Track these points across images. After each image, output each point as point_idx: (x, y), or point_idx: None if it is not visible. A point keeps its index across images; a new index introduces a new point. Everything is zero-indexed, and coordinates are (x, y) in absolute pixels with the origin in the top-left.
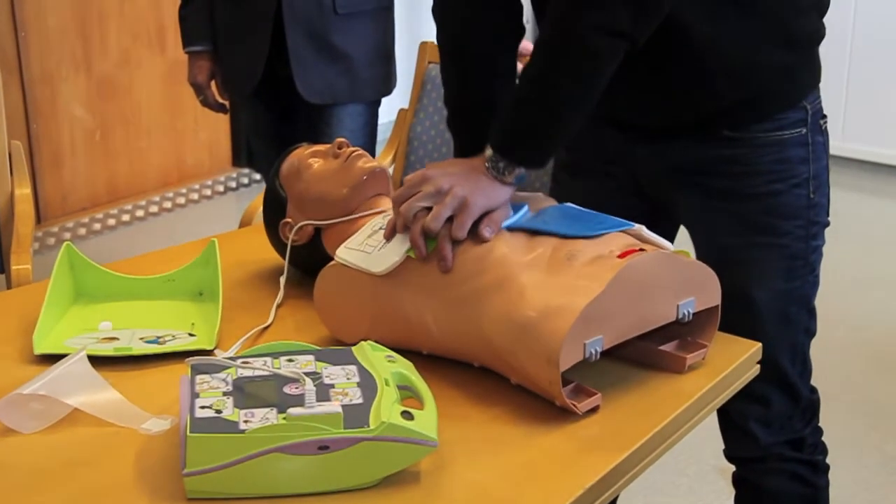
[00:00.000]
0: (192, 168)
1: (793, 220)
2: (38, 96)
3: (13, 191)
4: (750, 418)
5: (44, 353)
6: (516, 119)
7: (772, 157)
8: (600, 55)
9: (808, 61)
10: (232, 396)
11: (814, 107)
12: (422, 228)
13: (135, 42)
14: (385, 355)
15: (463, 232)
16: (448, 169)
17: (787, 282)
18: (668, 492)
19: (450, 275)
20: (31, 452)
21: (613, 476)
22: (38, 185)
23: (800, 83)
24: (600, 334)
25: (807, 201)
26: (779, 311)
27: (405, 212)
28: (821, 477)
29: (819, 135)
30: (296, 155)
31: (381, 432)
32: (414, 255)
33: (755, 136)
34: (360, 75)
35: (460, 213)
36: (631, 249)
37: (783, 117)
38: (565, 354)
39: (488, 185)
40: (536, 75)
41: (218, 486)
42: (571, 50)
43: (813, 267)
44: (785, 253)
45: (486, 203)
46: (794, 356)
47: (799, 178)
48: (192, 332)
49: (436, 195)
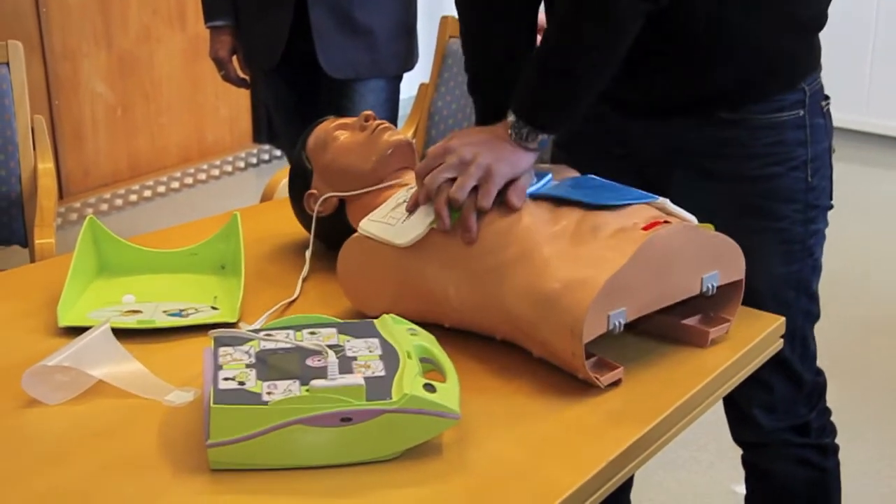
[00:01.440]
0: (213, 144)
1: (790, 204)
2: (59, 72)
3: (36, 165)
4: (754, 404)
5: (68, 326)
6: (538, 84)
7: (769, 139)
8: (622, 17)
9: (809, 46)
10: (255, 368)
11: (812, 88)
12: (446, 199)
13: (155, 18)
14: (407, 328)
15: (488, 201)
16: (470, 138)
17: (784, 266)
18: (689, 468)
19: (473, 247)
20: (55, 423)
21: (636, 449)
22: (61, 161)
23: (799, 67)
24: (624, 306)
25: (804, 184)
26: (777, 295)
27: (429, 183)
28: (829, 459)
29: (819, 117)
30: (322, 128)
31: (403, 404)
32: (438, 226)
33: (752, 118)
34: (381, 50)
35: (485, 182)
36: (655, 221)
37: (781, 99)
38: (589, 326)
39: (511, 153)
40: (558, 39)
41: (240, 457)
42: (593, 13)
43: (812, 251)
44: (782, 237)
45: (510, 171)
46: (793, 340)
47: (796, 161)
48: (215, 306)
49: (459, 165)
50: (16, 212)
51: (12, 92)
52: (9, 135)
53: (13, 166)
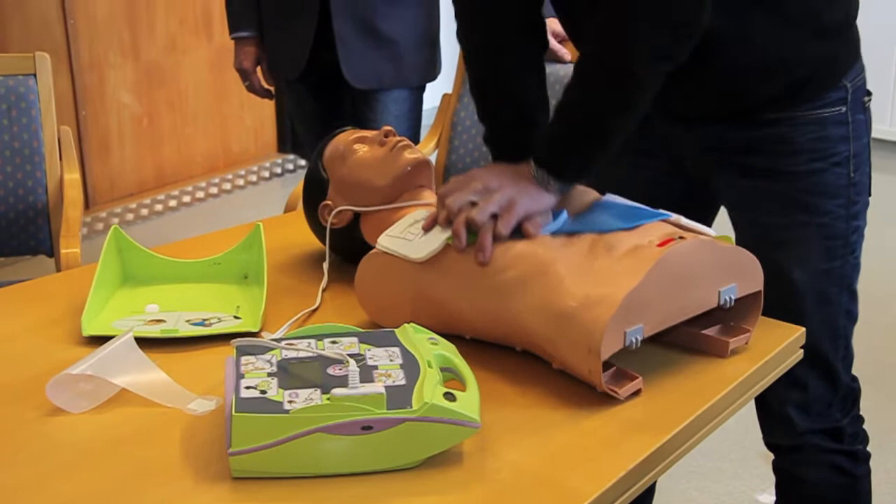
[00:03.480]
0: (238, 154)
1: (833, 199)
2: (86, 83)
3: (62, 176)
4: (788, 403)
5: (92, 335)
6: (560, 139)
7: (812, 135)
8: (644, 79)
9: (845, 43)
10: (276, 377)
11: (854, 84)
12: (465, 220)
13: (182, 28)
14: (428, 338)
15: (507, 230)
16: (497, 171)
17: (826, 261)
18: (713, 477)
19: (487, 264)
20: (79, 431)
21: (656, 458)
22: (87, 171)
23: (837, 66)
24: (641, 323)
25: (847, 180)
26: (818, 291)
27: (451, 203)
28: (860, 466)
29: (860, 112)
30: (341, 139)
31: (423, 413)
32: (453, 244)
33: (795, 116)
34: (405, 61)
35: (506, 211)
36: (670, 238)
37: (823, 96)
38: (606, 343)
39: (534, 191)
40: (580, 98)
41: (262, 465)
42: (616, 76)
43: (853, 248)
44: (825, 232)
45: (531, 206)
46: (836, 339)
47: (839, 157)
48: (238, 315)
49: (484, 192)
50: (42, 222)
51: (39, 103)
52: (35, 145)
53: (39, 176)
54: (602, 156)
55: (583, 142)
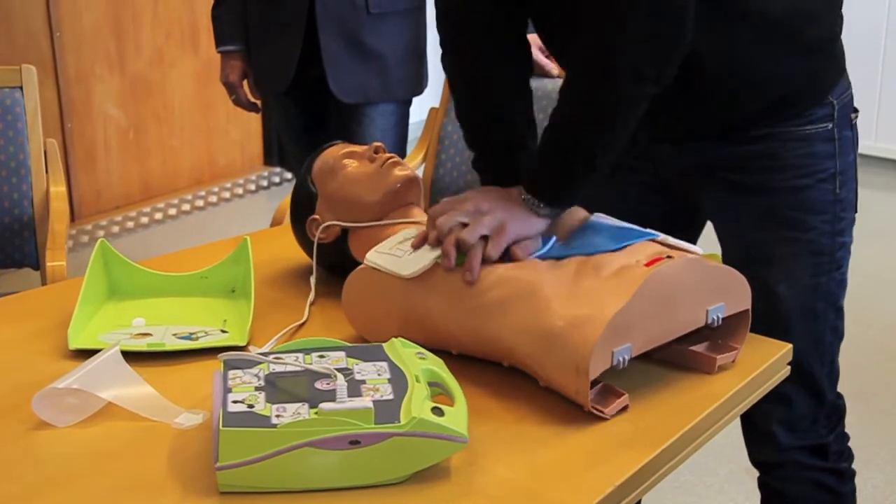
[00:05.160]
0: (224, 167)
1: (819, 215)
2: (72, 95)
3: (48, 188)
4: (773, 420)
5: (78, 349)
6: (547, 165)
7: (798, 151)
8: (628, 101)
9: (830, 59)
10: (264, 391)
11: (841, 101)
12: (455, 240)
13: (168, 41)
14: (416, 352)
15: (496, 253)
16: (488, 195)
17: (813, 277)
18: (699, 492)
19: (474, 284)
20: (65, 445)
21: (643, 474)
22: (73, 184)
23: (823, 81)
24: (629, 342)
25: (833, 196)
26: (804, 307)
27: (441, 224)
28: (846, 484)
29: (847, 129)
30: (330, 153)
31: (411, 428)
32: (442, 263)
33: (782, 132)
34: (392, 75)
35: (496, 234)
36: (657, 258)
37: (810, 113)
38: (594, 363)
39: (524, 215)
40: (566, 122)
41: (249, 479)
42: (601, 99)
43: (839, 264)
44: (811, 248)
45: (521, 230)
46: (822, 356)
47: (825, 174)
48: (225, 329)
49: (474, 213)
50: (28, 234)
51: (25, 115)
52: (21, 158)
53: (25, 189)
54: (590, 180)
55: (570, 167)
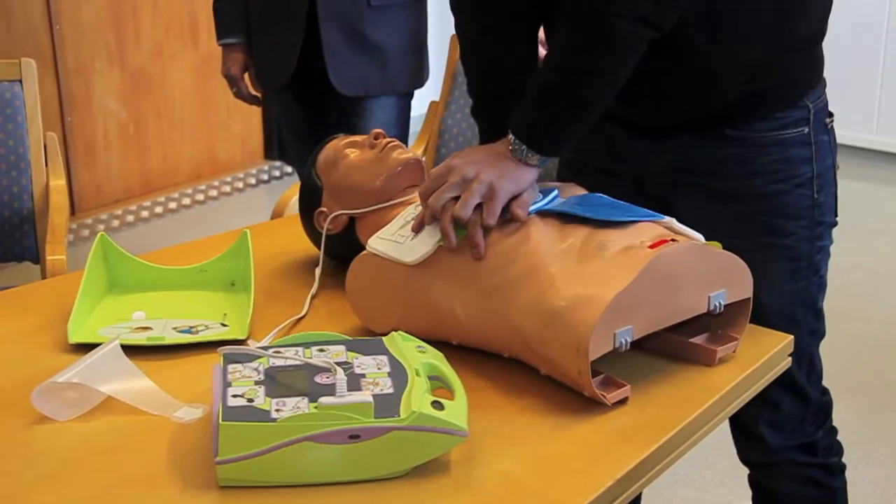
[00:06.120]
0: (225, 161)
1: (796, 221)
2: (72, 89)
3: (48, 182)
4: (760, 422)
5: (78, 343)
6: (538, 107)
7: (773, 156)
8: (625, 44)
9: (810, 60)
10: (263, 385)
11: (816, 105)
12: (451, 217)
13: (168, 35)
14: (416, 346)
15: (493, 218)
16: (472, 157)
17: (791, 283)
18: (698, 486)
19: (480, 265)
20: (65, 439)
21: (643, 467)
22: (73, 178)
23: (801, 82)
24: (630, 324)
25: (810, 201)
26: (783, 312)
27: (433, 203)
28: (836, 478)
29: (823, 133)
30: (332, 145)
31: (411, 422)
32: (444, 244)
33: (757, 136)
34: (392, 68)
35: (489, 199)
36: (662, 240)
37: (784, 116)
38: (595, 344)
39: (513, 169)
40: (559, 64)
41: (249, 474)
42: (596, 39)
43: (818, 268)
44: (789, 254)
45: (512, 187)
46: (800, 357)
47: (802, 178)
48: (225, 323)
49: (462, 184)
50: (28, 228)
51: (25, 109)
52: (21, 151)
53: (25, 183)
54: (581, 127)
55: (561, 111)
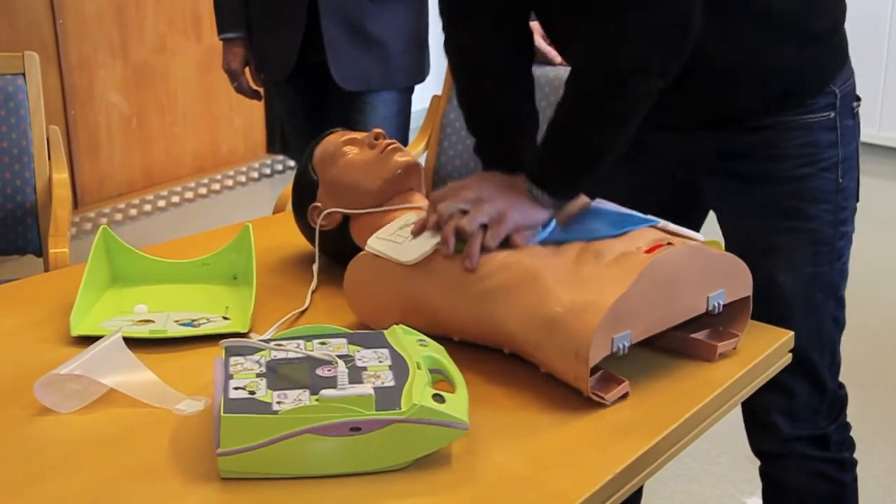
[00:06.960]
0: (227, 154)
1: (821, 205)
2: (75, 83)
3: (51, 175)
4: (774, 409)
5: (80, 335)
6: (551, 157)
7: (799, 140)
8: (638, 98)
9: (832, 48)
10: (265, 378)
11: (843, 90)
12: (454, 227)
13: (171, 29)
14: (417, 339)
15: (495, 242)
16: (492, 181)
17: (813, 266)
18: (701, 480)
19: (474, 271)
20: (67, 431)
21: (643, 462)
22: (76, 171)
23: (825, 71)
24: (629, 329)
25: (835, 185)
26: (805, 296)
27: (442, 210)
28: (847, 473)
29: (849, 118)
30: (330, 140)
31: (412, 414)
32: (440, 250)
33: (783, 121)
34: (393, 62)
35: (495, 223)
36: (658, 244)
37: (811, 102)
38: (594, 349)
39: (527, 206)
40: (571, 115)
41: (251, 466)
42: (608, 94)
43: (841, 253)
44: (812, 237)
45: (521, 220)
46: (823, 346)
47: (827, 163)
48: (226, 316)
49: (475, 201)
50: (30, 221)
51: (28, 102)
52: (24, 145)
53: (28, 176)
54: (594, 173)
55: (575, 159)
